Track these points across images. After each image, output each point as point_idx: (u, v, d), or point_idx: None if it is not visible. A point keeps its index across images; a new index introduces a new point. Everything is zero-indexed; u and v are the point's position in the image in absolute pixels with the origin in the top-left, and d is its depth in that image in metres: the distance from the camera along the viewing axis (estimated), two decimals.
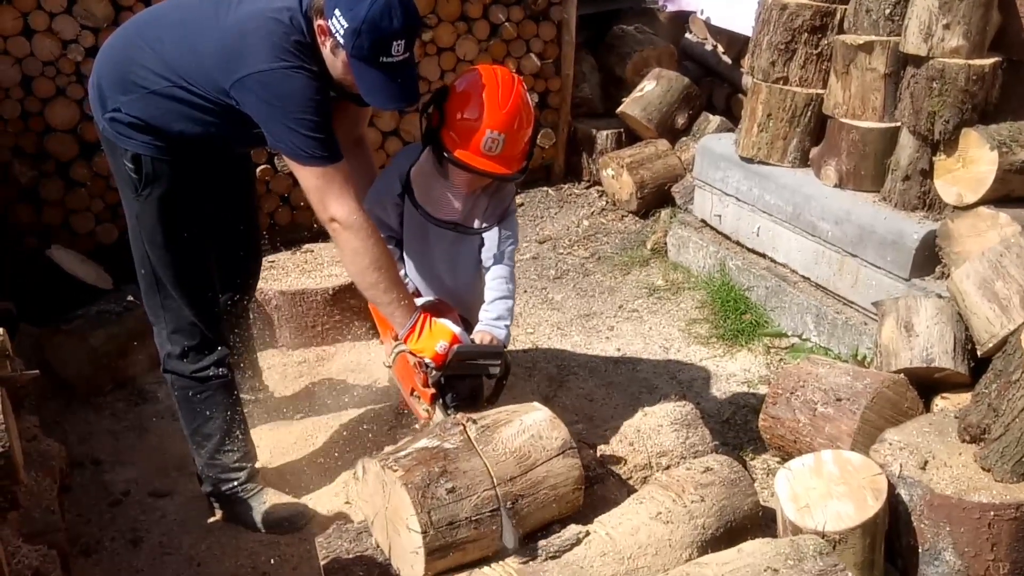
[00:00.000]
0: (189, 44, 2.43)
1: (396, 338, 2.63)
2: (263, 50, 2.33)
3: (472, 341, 2.66)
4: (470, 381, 2.62)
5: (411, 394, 2.67)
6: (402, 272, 2.81)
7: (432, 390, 2.58)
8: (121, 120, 2.51)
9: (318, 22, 2.36)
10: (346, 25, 2.28)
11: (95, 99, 2.58)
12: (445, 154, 2.56)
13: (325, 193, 2.41)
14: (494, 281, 2.80)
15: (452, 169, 2.63)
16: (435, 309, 2.71)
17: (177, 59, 2.44)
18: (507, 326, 2.76)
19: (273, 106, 2.36)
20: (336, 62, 2.40)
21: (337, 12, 2.29)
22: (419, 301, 2.70)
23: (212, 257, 2.79)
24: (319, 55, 2.42)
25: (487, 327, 2.74)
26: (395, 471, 2.19)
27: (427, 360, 2.53)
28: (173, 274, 2.66)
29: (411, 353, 2.55)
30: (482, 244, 2.83)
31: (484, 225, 2.79)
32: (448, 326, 2.57)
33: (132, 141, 2.52)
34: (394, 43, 2.32)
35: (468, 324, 2.79)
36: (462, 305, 2.86)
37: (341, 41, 2.31)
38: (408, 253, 2.87)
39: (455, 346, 2.53)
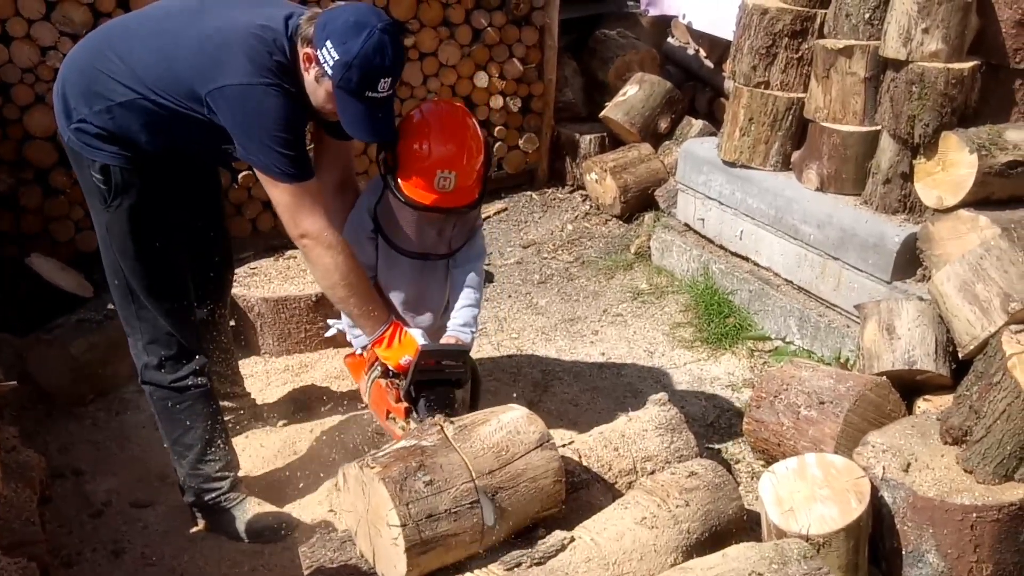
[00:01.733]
0: (163, 51, 2.42)
1: (369, 368, 2.71)
2: (244, 64, 2.34)
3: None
4: (441, 390, 2.64)
5: (387, 417, 2.70)
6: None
7: (404, 404, 2.63)
8: (87, 131, 2.49)
9: (305, 50, 2.39)
10: (337, 58, 2.32)
11: (60, 110, 2.55)
12: (401, 198, 2.60)
13: (296, 210, 2.46)
14: (463, 290, 2.87)
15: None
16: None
17: (148, 69, 2.43)
18: (472, 332, 2.83)
19: (249, 121, 2.37)
20: (319, 90, 2.43)
21: (328, 44, 2.32)
22: None
23: (185, 265, 2.78)
24: (298, 78, 2.44)
25: (453, 332, 2.81)
26: (372, 468, 2.20)
27: (391, 368, 2.60)
28: (147, 284, 2.64)
29: (382, 373, 2.64)
30: (452, 263, 2.89)
31: (453, 248, 2.83)
32: (415, 338, 2.64)
33: (100, 152, 2.50)
34: (381, 80, 2.37)
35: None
36: (433, 327, 2.92)
37: (329, 72, 2.35)
38: (381, 281, 2.89)
39: (420, 345, 2.59)
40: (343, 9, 2.39)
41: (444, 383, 2.64)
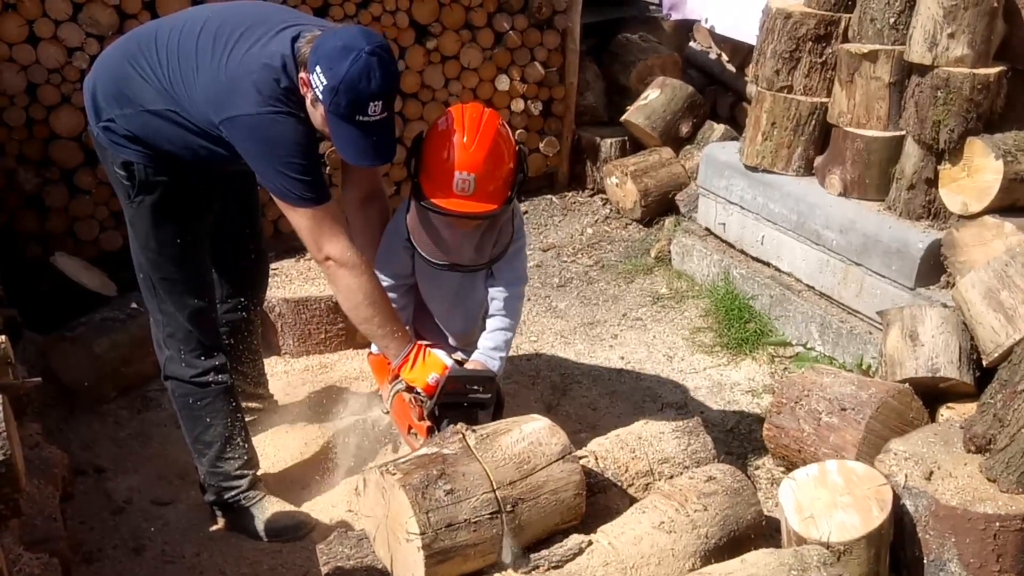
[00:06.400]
0: (185, 75, 2.46)
1: (393, 379, 2.68)
2: (253, 94, 2.36)
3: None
4: (464, 412, 2.62)
5: (408, 432, 2.70)
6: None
7: (427, 423, 2.62)
8: (115, 131, 2.54)
9: (301, 74, 2.39)
10: (325, 82, 2.31)
11: (90, 106, 2.60)
12: (423, 202, 2.57)
13: (319, 233, 2.46)
14: (497, 312, 2.83)
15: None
16: (430, 344, 2.75)
17: (172, 88, 2.47)
18: (502, 358, 2.80)
19: (262, 149, 2.40)
20: (315, 114, 2.43)
21: (318, 68, 2.32)
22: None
23: (208, 265, 2.80)
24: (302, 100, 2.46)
25: (482, 356, 2.80)
26: (393, 474, 2.20)
27: (419, 389, 2.58)
28: (166, 280, 2.68)
29: (406, 387, 2.61)
30: (488, 279, 2.84)
31: (483, 262, 2.75)
32: (441, 358, 2.62)
33: (125, 149, 2.55)
34: (371, 104, 2.34)
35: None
36: (468, 343, 2.90)
37: (320, 96, 2.34)
38: (421, 294, 2.90)
39: (447, 371, 2.57)
40: (336, 33, 2.37)
41: (468, 406, 2.63)
